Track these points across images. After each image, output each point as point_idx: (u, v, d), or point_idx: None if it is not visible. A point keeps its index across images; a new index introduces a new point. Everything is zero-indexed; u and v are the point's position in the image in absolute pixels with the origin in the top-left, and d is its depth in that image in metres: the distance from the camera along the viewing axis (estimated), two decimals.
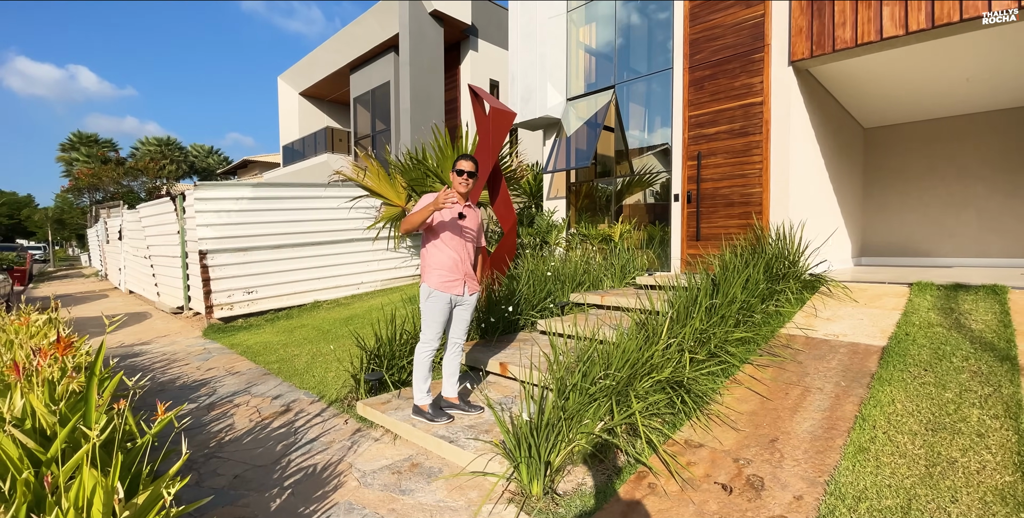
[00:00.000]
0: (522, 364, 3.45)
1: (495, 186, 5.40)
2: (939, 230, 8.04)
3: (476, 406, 3.10)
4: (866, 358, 3.34)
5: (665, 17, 6.64)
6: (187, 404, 3.78)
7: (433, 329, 2.97)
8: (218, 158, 36.52)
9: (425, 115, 11.55)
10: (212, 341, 6.04)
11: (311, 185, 7.57)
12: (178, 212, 7.40)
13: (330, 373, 4.35)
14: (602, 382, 2.49)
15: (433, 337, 2.98)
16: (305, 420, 3.40)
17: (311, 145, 16.00)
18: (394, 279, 8.56)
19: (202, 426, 3.37)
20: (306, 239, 7.47)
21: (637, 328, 3.28)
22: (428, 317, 2.95)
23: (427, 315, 2.96)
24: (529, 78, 7.82)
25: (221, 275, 6.59)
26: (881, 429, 2.52)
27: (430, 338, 2.98)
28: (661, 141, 6.90)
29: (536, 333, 4.64)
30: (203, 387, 4.24)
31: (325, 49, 14.72)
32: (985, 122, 7.51)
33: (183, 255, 7.61)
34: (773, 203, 5.55)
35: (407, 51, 11.32)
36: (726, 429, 2.68)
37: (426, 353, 2.99)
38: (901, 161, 8.36)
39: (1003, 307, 3.85)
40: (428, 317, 2.95)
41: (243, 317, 6.93)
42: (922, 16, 4.62)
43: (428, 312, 2.95)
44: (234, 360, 5.12)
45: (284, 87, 17.47)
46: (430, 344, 2.98)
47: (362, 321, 6.25)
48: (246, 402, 3.82)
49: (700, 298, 3.60)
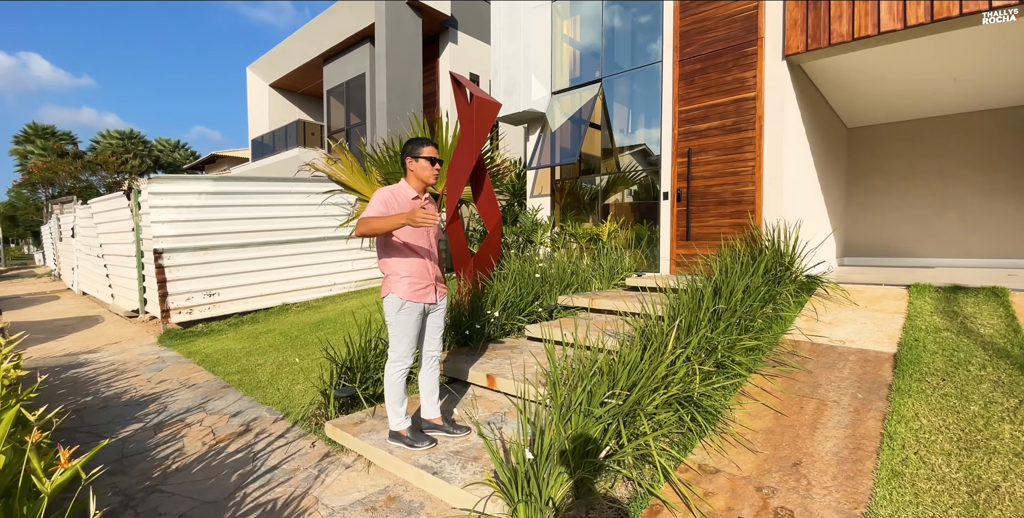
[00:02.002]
0: (513, 377, 3.13)
1: (478, 181, 5.06)
2: (921, 230, 8.05)
3: (462, 427, 2.76)
4: (878, 366, 3.13)
5: (655, 8, 6.39)
6: (131, 425, 3.34)
7: (405, 345, 2.62)
8: (185, 152, 35.10)
9: (403, 108, 11.10)
10: (167, 348, 5.53)
11: (278, 179, 7.08)
12: (132, 208, 6.82)
13: (297, 386, 3.95)
14: (610, 402, 2.18)
15: (406, 354, 2.63)
16: (266, 442, 3.00)
17: (282, 139, 15.33)
18: (369, 280, 8.13)
19: (146, 451, 2.94)
20: (273, 237, 6.98)
21: (638, 337, 3.00)
22: (400, 332, 2.60)
23: (398, 330, 2.60)
24: (512, 70, 7.49)
25: (179, 276, 6.07)
26: (911, 449, 2.29)
27: (403, 355, 2.63)
28: (649, 137, 6.66)
29: (524, 339, 4.33)
30: (152, 403, 3.78)
31: (297, 39, 14.09)
32: (967, 123, 7.53)
33: (138, 254, 7.02)
34: (766, 202, 5.36)
35: (383, 42, 10.86)
36: (742, 450, 2.41)
37: (400, 373, 2.63)
38: (884, 161, 8.35)
39: (1008, 310, 3.71)
40: (400, 332, 2.60)
41: (203, 321, 6.42)
42: (921, 10, 4.47)
43: (399, 326, 2.59)
44: (190, 370, 4.65)
45: (253, 78, 16.71)
46: (403, 362, 2.63)
47: (334, 326, 5.83)
48: (200, 421, 3.40)
49: (705, 303, 3.34)
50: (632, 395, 2.24)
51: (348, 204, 7.60)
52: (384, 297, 2.62)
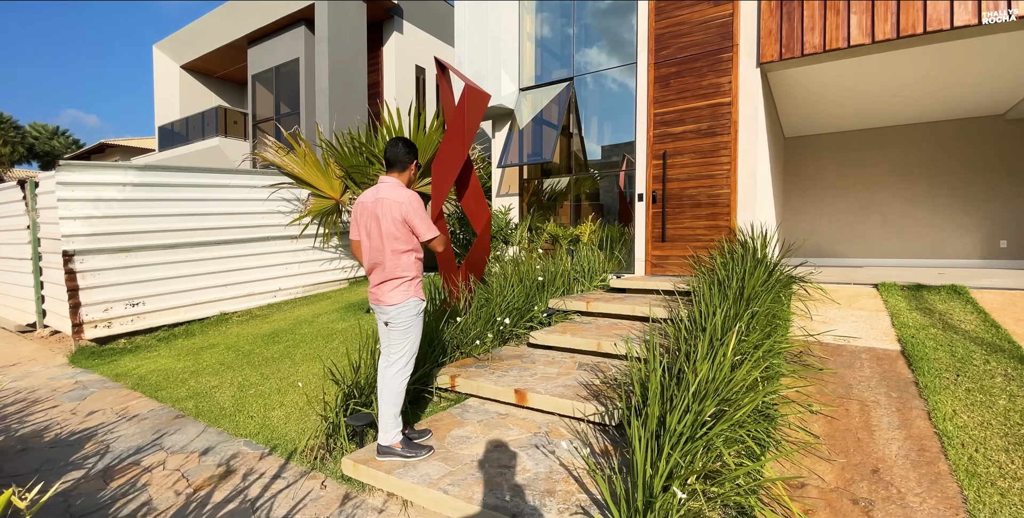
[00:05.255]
0: (547, 391, 2.85)
1: (465, 179, 4.70)
2: (849, 233, 8.81)
3: (422, 431, 2.73)
4: (893, 364, 3.23)
5: (630, 8, 6.38)
6: (69, 472, 2.63)
7: (416, 348, 2.63)
8: (65, 140, 30.61)
9: (347, 98, 10.32)
10: (86, 370, 4.58)
11: (216, 170, 6.19)
12: (28, 201, 5.61)
13: (274, 412, 3.37)
14: (711, 424, 1.98)
15: (414, 358, 2.64)
16: (261, 486, 2.48)
17: (197, 127, 13.70)
18: (318, 284, 7.39)
19: (101, 508, 2.30)
20: (210, 236, 6.09)
21: (677, 343, 2.85)
22: (415, 335, 2.59)
23: (414, 333, 2.58)
24: (479, 63, 7.16)
25: (95, 283, 5.07)
26: (971, 447, 2.33)
27: (412, 360, 2.62)
28: (623, 138, 6.64)
29: (525, 347, 4.05)
30: (88, 442, 3.03)
31: (217, 16, 12.65)
32: (891, 135, 8.34)
33: (35, 257, 5.80)
34: (741, 204, 5.50)
35: (325, 25, 10.02)
36: (814, 459, 2.32)
37: (407, 379, 2.59)
38: (817, 169, 9.04)
39: (976, 307, 4.02)
40: (415, 335, 2.59)
41: (126, 336, 5.43)
42: (888, 26, 4.78)
43: (417, 329, 2.60)
44: (125, 397, 3.85)
45: (161, 58, 14.81)
46: (411, 367, 2.62)
47: (292, 338, 5.18)
48: (161, 463, 2.76)
49: (729, 304, 3.27)
50: (708, 406, 2.06)
51: (298, 200, 6.84)
52: (403, 302, 2.53)
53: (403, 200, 2.47)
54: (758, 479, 2.07)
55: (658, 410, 2.09)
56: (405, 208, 2.46)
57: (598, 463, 2.29)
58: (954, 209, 7.90)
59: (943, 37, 4.61)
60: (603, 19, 6.82)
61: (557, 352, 3.86)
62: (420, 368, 3.22)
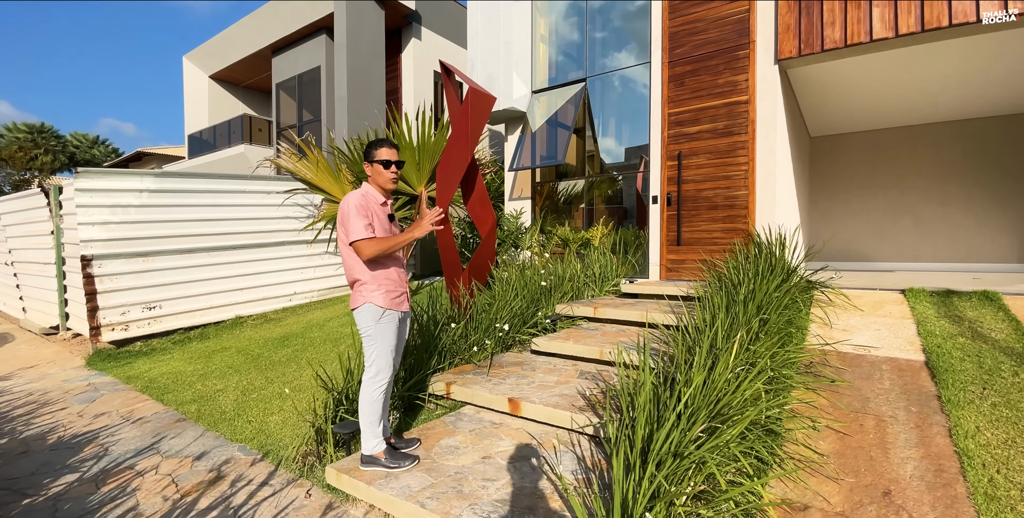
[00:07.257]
0: (540, 400, 2.76)
1: (470, 182, 4.66)
2: (879, 236, 8.41)
3: (410, 440, 2.64)
4: (915, 376, 3.02)
5: (643, 6, 6.25)
6: (64, 476, 2.67)
7: (386, 357, 2.47)
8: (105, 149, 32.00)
9: (365, 104, 10.45)
10: (100, 373, 4.70)
11: (232, 176, 6.32)
12: (52, 208, 5.84)
13: (272, 417, 3.37)
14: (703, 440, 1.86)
15: (386, 367, 2.48)
16: (247, 493, 2.46)
17: (224, 135, 14.11)
18: (334, 288, 7.46)
19: (87, 514, 2.32)
20: (226, 241, 6.21)
21: (681, 352, 2.72)
22: (380, 343, 2.46)
23: (380, 341, 2.46)
24: (491, 66, 7.13)
25: (113, 287, 5.21)
26: (992, 468, 2.13)
27: (383, 368, 2.47)
28: (637, 139, 6.50)
29: (528, 353, 3.96)
30: (89, 445, 3.08)
31: (242, 27, 13.03)
32: (921, 134, 7.94)
33: (59, 262, 6.03)
34: (759, 206, 5.29)
35: (344, 33, 10.18)
36: (821, 479, 2.17)
37: (381, 388, 2.46)
38: (845, 170, 8.68)
39: (1008, 314, 3.75)
40: (380, 343, 2.46)
41: (143, 339, 5.56)
42: (912, 19, 4.54)
43: (380, 337, 2.46)
44: (133, 400, 3.92)
45: (191, 68, 15.34)
46: (384, 375, 2.47)
47: (301, 342, 5.21)
48: (155, 467, 2.77)
49: (737, 309, 3.11)
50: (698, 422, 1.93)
51: (312, 205, 6.93)
52: (357, 308, 2.46)
53: (344, 200, 2.42)
54: (753, 502, 1.93)
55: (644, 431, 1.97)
56: (343, 208, 2.40)
57: (586, 479, 2.19)
58: (989, 211, 7.46)
59: (970, 30, 4.35)
60: (616, 18, 6.71)
61: (559, 359, 3.76)
62: (415, 375, 3.17)
